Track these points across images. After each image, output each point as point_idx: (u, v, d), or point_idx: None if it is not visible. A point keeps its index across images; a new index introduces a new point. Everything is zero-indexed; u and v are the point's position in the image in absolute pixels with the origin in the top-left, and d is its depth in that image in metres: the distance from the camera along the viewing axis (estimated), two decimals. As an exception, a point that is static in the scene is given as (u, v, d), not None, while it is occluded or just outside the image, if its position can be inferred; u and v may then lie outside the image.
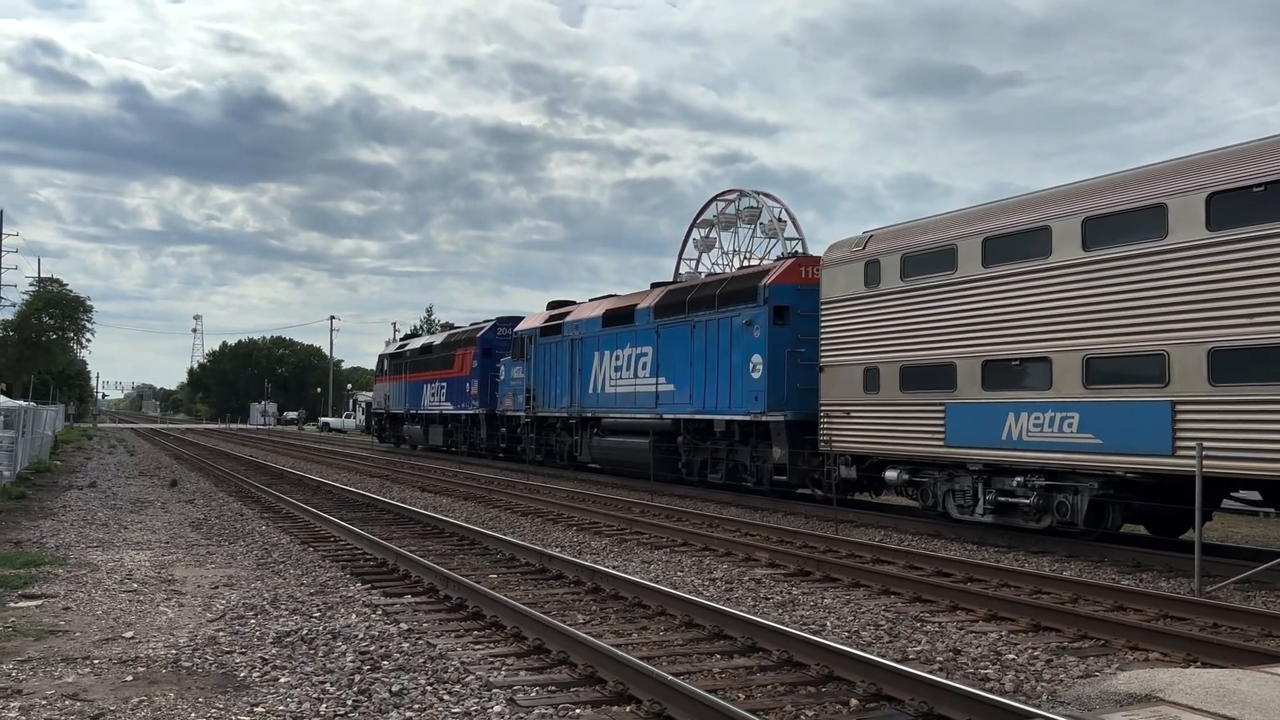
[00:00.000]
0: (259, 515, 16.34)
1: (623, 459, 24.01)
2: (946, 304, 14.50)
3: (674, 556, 12.38)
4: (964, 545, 13.81)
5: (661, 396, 22.30)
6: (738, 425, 19.72)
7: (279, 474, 26.25)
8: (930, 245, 14.93)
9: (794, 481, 18.47)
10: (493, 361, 33.18)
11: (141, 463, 30.97)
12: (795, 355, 18.23)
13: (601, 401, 25.05)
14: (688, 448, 21.53)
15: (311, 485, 22.58)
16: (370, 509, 17.47)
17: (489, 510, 17.85)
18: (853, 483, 16.80)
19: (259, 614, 8.51)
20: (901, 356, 15.25)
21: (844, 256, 16.63)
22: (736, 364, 19.52)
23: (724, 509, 18.50)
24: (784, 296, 18.66)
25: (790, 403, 18.15)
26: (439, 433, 38.08)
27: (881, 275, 15.75)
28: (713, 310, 20.49)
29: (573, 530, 14.98)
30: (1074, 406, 12.58)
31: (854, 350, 16.20)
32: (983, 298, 13.92)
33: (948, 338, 14.44)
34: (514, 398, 30.44)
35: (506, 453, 32.47)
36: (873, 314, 15.86)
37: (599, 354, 25.24)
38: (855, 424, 16.14)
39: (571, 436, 27.11)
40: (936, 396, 14.55)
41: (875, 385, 15.71)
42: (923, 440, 14.80)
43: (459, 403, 35.75)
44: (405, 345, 45.23)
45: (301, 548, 12.60)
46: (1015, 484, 13.48)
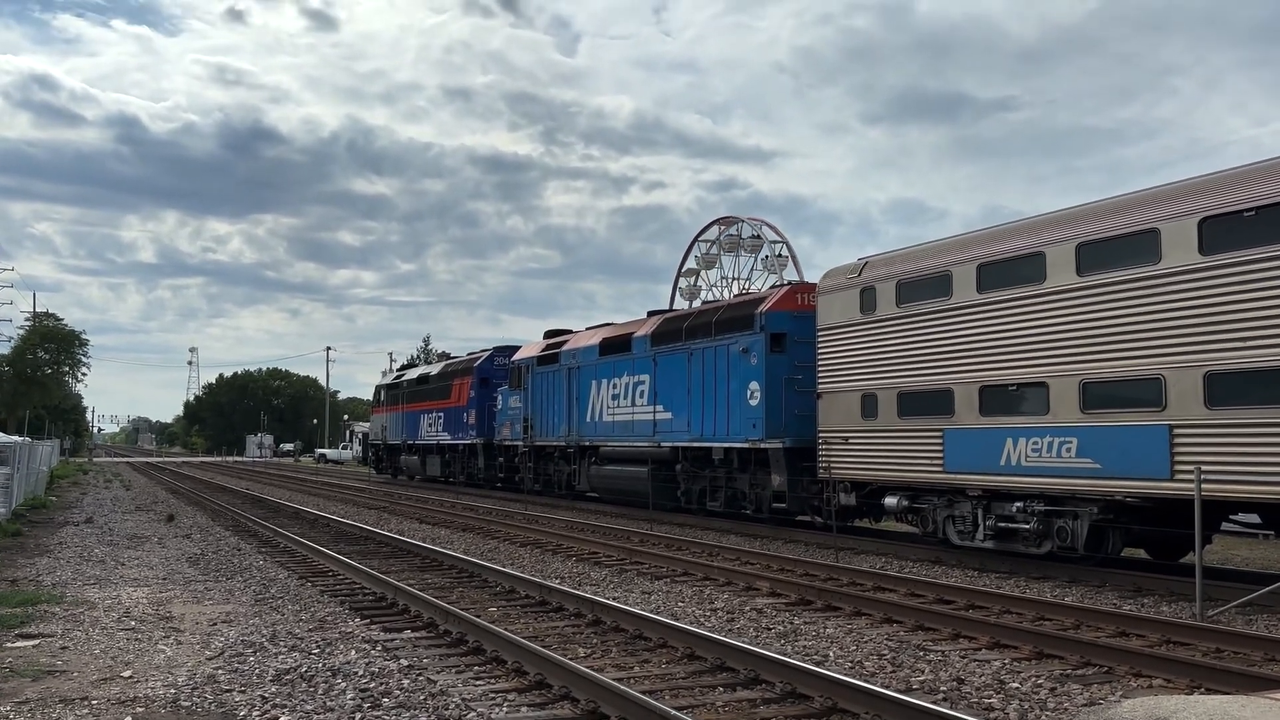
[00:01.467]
0: (256, 550, 16.25)
1: (621, 488, 23.95)
2: (943, 330, 14.54)
3: (674, 587, 12.33)
4: (965, 571, 13.77)
5: (659, 425, 22.28)
6: (736, 453, 19.70)
7: (276, 507, 26.14)
8: (925, 271, 14.98)
9: (793, 509, 18.43)
10: (490, 391, 33.17)
11: (138, 497, 30.83)
12: (793, 382, 18.24)
13: (599, 430, 25.02)
14: (686, 476, 21.48)
15: (309, 518, 22.47)
16: (368, 542, 17.39)
17: (488, 542, 17.78)
18: (852, 509, 16.75)
19: (258, 651, 8.46)
20: (899, 382, 15.27)
21: (840, 283, 16.69)
22: (734, 391, 19.52)
23: (724, 537, 18.43)
24: (780, 324, 18.70)
25: (788, 430, 18.14)
26: (436, 463, 37.98)
27: (877, 302, 15.79)
28: (709, 338, 20.53)
29: (572, 561, 14.92)
30: (1072, 431, 12.58)
31: (851, 377, 16.21)
32: (978, 323, 13.97)
33: (945, 363, 14.47)
34: (511, 427, 30.39)
35: (504, 483, 32.37)
36: (869, 340, 15.89)
37: (596, 383, 25.24)
38: (854, 450, 16.12)
39: (569, 466, 27.06)
40: (934, 422, 14.56)
41: (873, 411, 15.71)
42: (921, 466, 14.79)
43: (456, 433, 35.70)
44: (402, 375, 45.21)
45: (299, 583, 12.53)
46: (1015, 509, 13.45)
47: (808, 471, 17.56)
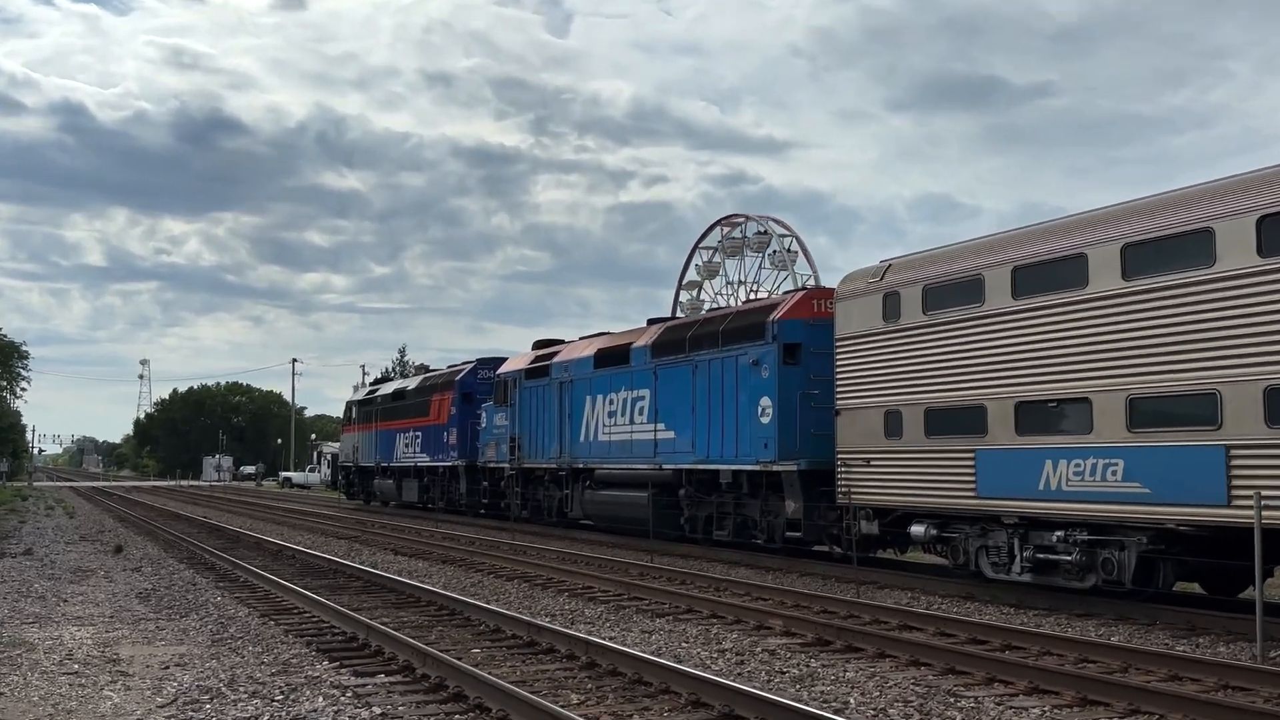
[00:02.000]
0: (214, 584, 16.24)
1: (618, 515, 23.93)
2: (974, 340, 14.56)
3: (677, 625, 12.33)
4: (1000, 608, 13.77)
5: (661, 445, 22.29)
6: (746, 476, 19.71)
7: (235, 537, 26.13)
8: (954, 275, 15.02)
9: (809, 538, 18.42)
10: (473, 408, 33.17)
11: (83, 526, 30.80)
12: (808, 398, 18.26)
13: (594, 451, 25.02)
14: (691, 501, 21.49)
15: (272, 549, 22.47)
16: (338, 575, 17.38)
17: (470, 575, 17.77)
18: (875, 539, 16.75)
19: (215, 698, 8.43)
20: (926, 398, 15.28)
21: (860, 288, 16.72)
22: (743, 408, 19.54)
23: (732, 570, 18.42)
24: (795, 333, 18.73)
25: (804, 450, 18.16)
26: (413, 487, 37.98)
27: (902, 308, 15.82)
28: (716, 349, 20.56)
29: (564, 597, 14.92)
30: (1117, 452, 12.58)
31: (873, 392, 16.23)
32: (1013, 333, 13.99)
33: (976, 377, 14.49)
34: (497, 447, 30.40)
35: (489, 509, 32.37)
36: (893, 351, 15.91)
37: (591, 398, 25.26)
38: (876, 473, 16.13)
39: (561, 490, 27.06)
40: (966, 442, 14.57)
41: (898, 430, 15.73)
42: (951, 491, 14.79)
43: (435, 454, 35.68)
44: (375, 390, 45.25)
45: (261, 621, 12.52)
46: (1055, 539, 13.44)
47: (825, 496, 17.56)
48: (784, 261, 44.87)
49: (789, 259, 44.81)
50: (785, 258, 44.82)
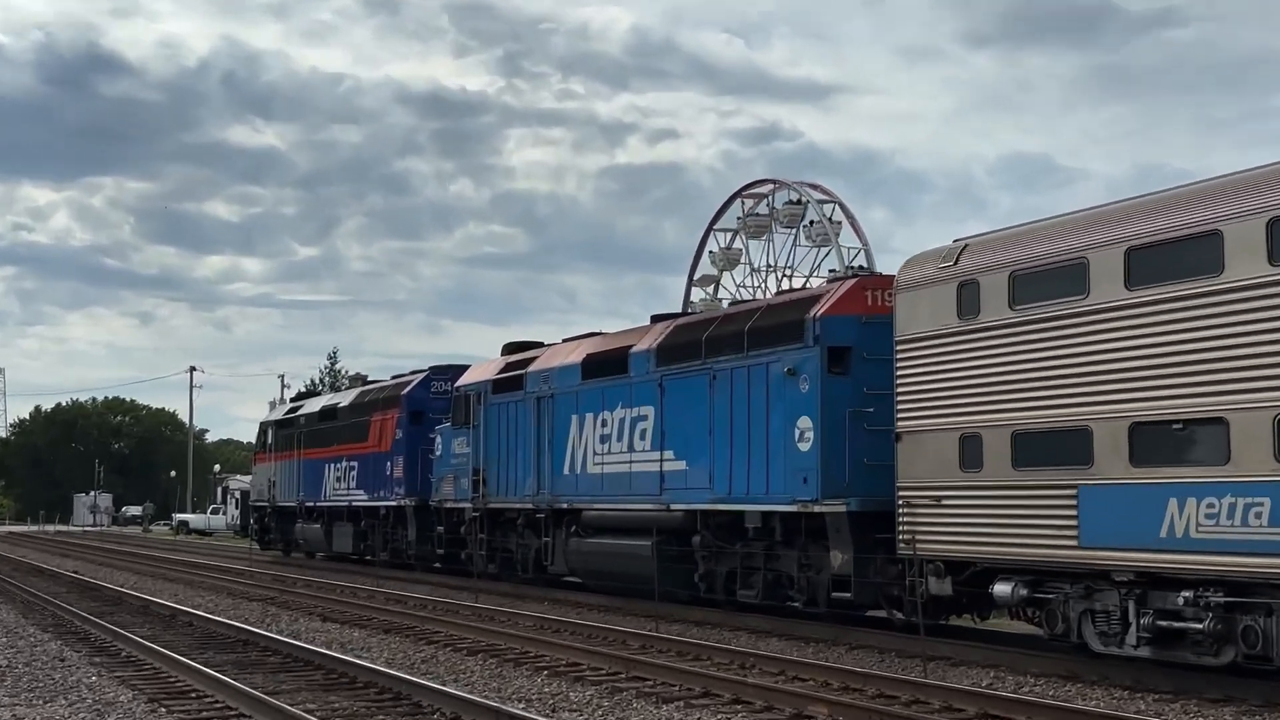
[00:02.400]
0: (87, 660, 16.17)
1: (613, 569, 23.90)
2: (1075, 342, 14.53)
3: (690, 713, 12.28)
4: (1111, 692, 13.71)
5: (668, 478, 22.26)
6: (779, 519, 19.67)
7: (116, 598, 26.07)
8: (1050, 259, 15.00)
9: (862, 600, 18.37)
10: (425, 430, 33.17)
11: (-83, 583, 30.70)
12: (861, 417, 18.22)
13: (582, 486, 24.96)
14: (708, 553, 21.45)
15: (163, 614, 22.43)
16: (248, 648, 17.33)
17: (421, 648, 17.73)
18: (948, 601, 16.70)
19: (88, 809, 8.39)
20: (1013, 419, 15.25)
21: (928, 276, 16.69)
22: (776, 431, 19.51)
23: (762, 641, 18.36)
24: (843, 333, 18.69)
25: (854, 485, 18.12)
26: (348, 534, 37.94)
27: (982, 302, 15.80)
28: (740, 354, 20.54)
29: (543, 676, 14.87)
30: (1263, 489, 12.53)
31: (945, 410, 16.19)
32: (1128, 333, 13.97)
33: (1079, 391, 14.45)
34: (455, 482, 30.36)
35: (445, 561, 32.33)
36: (971, 357, 15.88)
37: (578, 417, 25.22)
38: (949, 516, 16.08)
39: (539, 538, 27.03)
40: (1065, 475, 14.54)
41: (977, 460, 15.70)
42: (1047, 539, 14.75)
43: (376, 490, 35.65)
44: (298, 408, 45.26)
45: (148, 708, 12.45)
46: (1182, 601, 13.40)
47: (883, 546, 17.51)
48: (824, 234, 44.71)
49: (831, 230, 44.64)
50: (827, 228, 44.67)
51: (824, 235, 45.13)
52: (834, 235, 44.84)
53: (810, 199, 45.91)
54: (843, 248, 43.71)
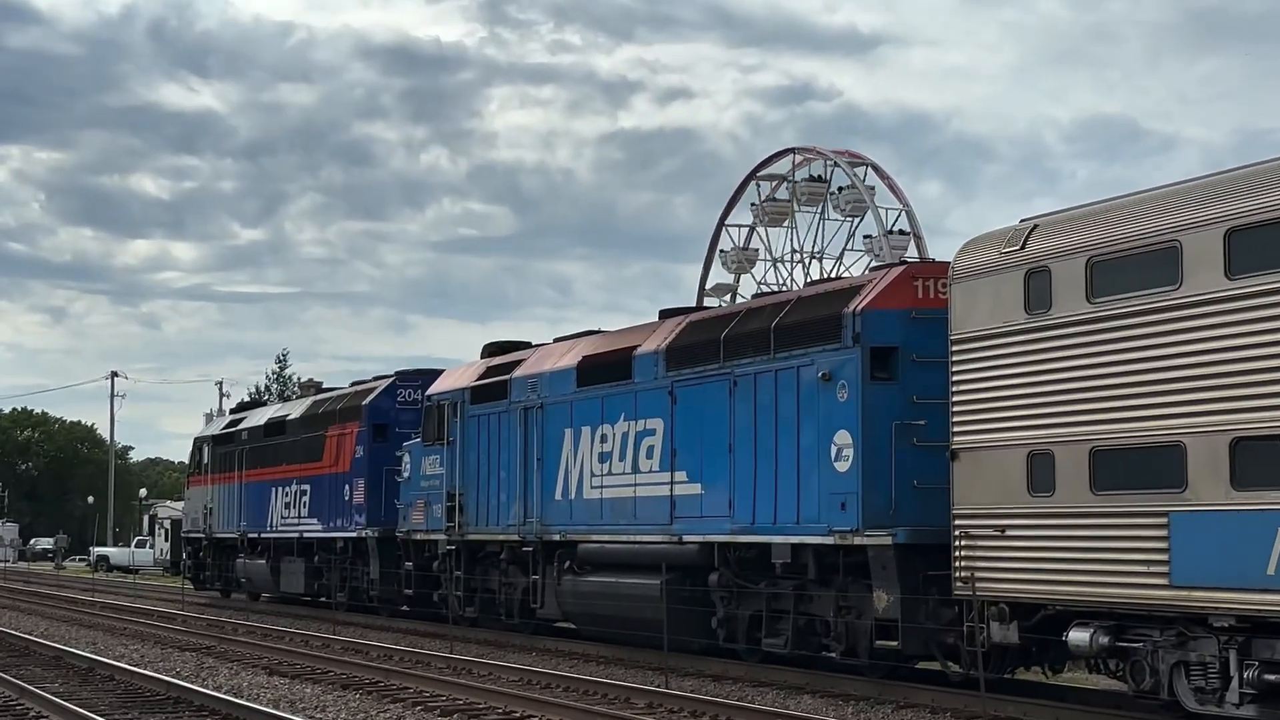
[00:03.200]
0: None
1: (615, 613, 23.88)
2: (1166, 342, 14.52)
3: (706, 785, 12.33)
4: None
5: (680, 504, 22.27)
6: (812, 553, 19.67)
7: (22, 648, 26.10)
8: (1134, 243, 14.98)
9: (911, 650, 18.35)
10: (390, 447, 33.22)
11: None
12: (909, 431, 18.24)
13: (577, 514, 24.98)
14: (727, 593, 21.48)
15: (80, 667, 22.46)
16: (180, 707, 17.35)
17: (385, 707, 17.74)
18: (1013, 651, 16.68)
19: None
20: (1091, 433, 15.23)
21: (990, 262, 16.70)
22: (809, 447, 19.52)
23: (792, 699, 18.37)
24: (887, 331, 18.72)
25: (902, 513, 18.13)
26: (298, 571, 38.00)
27: (1054, 293, 15.79)
28: (766, 355, 20.56)
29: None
30: (1390, 516, 12.53)
31: (1010, 422, 16.18)
32: (1228, 330, 13.93)
33: (1170, 400, 14.43)
34: (427, 509, 30.39)
35: (415, 603, 32.38)
36: (1040, 360, 15.87)
37: (572, 432, 25.25)
38: (1014, 549, 16.07)
39: (526, 575, 27.04)
40: (1154, 501, 14.51)
41: (1048, 483, 15.68)
42: (1132, 577, 14.70)
43: (333, 518, 35.70)
44: (240, 421, 45.26)
45: (62, 778, 12.52)
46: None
47: (936, 585, 17.50)
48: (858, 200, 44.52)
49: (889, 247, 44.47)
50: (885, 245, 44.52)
51: (857, 201, 45.04)
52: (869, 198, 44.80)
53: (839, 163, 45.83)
54: (880, 208, 43.61)
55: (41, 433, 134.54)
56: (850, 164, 45.87)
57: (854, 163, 46.06)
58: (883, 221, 45.23)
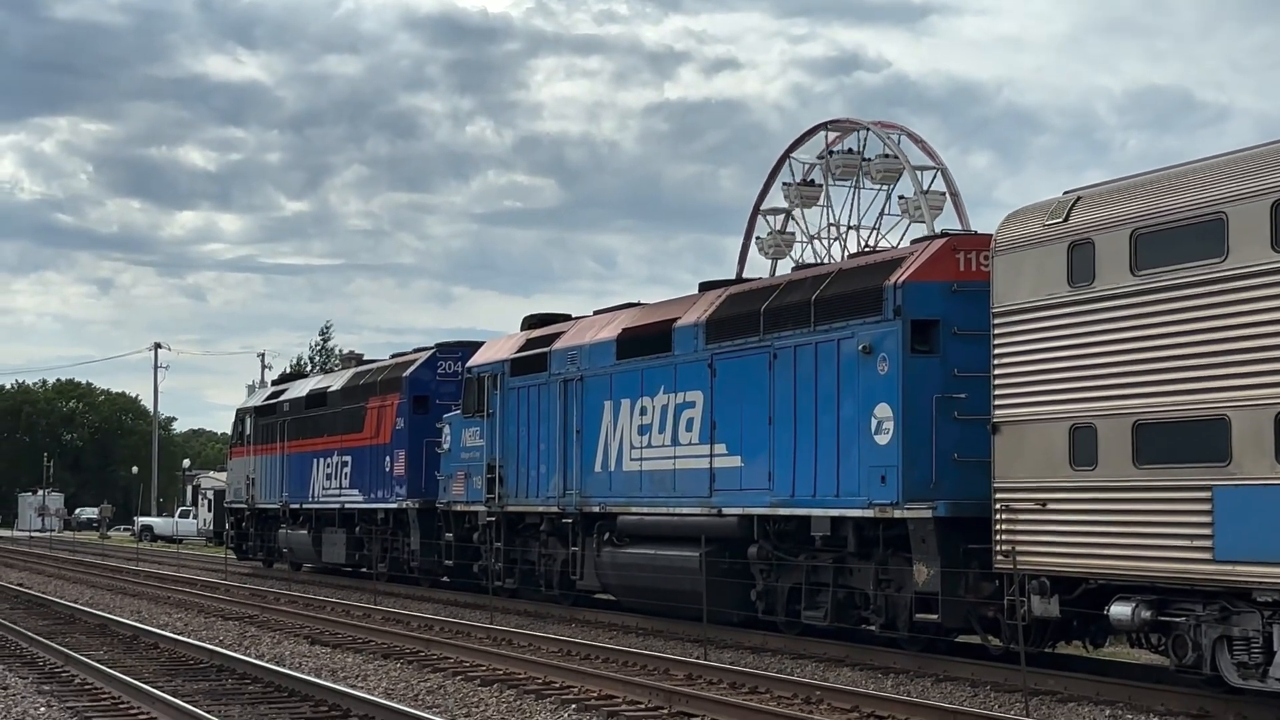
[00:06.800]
0: (34, 688, 16.36)
1: (654, 585, 23.97)
2: (1211, 315, 14.45)
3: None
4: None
5: (720, 477, 22.31)
6: (852, 526, 19.70)
7: (68, 616, 26.32)
8: (1180, 214, 14.91)
9: (951, 623, 18.40)
10: (430, 418, 33.29)
11: None
12: (950, 404, 18.24)
13: (617, 487, 25.06)
14: (766, 566, 21.51)
15: (124, 635, 22.66)
16: (224, 675, 17.47)
17: (426, 676, 17.85)
18: (1054, 624, 16.68)
19: None
20: (1135, 406, 15.19)
21: (1033, 234, 16.65)
22: (849, 420, 19.53)
23: (831, 671, 18.40)
24: (929, 303, 18.69)
25: (943, 486, 18.14)
26: (340, 542, 38.17)
27: (1098, 266, 15.73)
28: (806, 328, 20.56)
29: (570, 711, 14.98)
30: None
31: (1052, 396, 16.16)
32: (1274, 304, 13.86)
33: (1215, 374, 14.37)
34: (467, 480, 30.50)
35: (455, 574, 32.52)
36: (1083, 333, 15.83)
37: (612, 404, 25.31)
38: (1056, 523, 16.06)
39: (565, 547, 27.13)
40: (1197, 475, 14.47)
41: (1090, 456, 15.65)
42: (1175, 551, 14.67)
43: (373, 490, 35.85)
44: (282, 392, 45.47)
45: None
46: (1337, 626, 13.35)
47: (977, 558, 17.52)
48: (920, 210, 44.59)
49: (928, 207, 44.44)
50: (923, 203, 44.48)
51: (890, 168, 44.92)
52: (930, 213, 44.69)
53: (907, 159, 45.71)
54: (915, 168, 43.40)
55: (86, 404, 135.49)
56: (920, 168, 45.77)
57: (925, 167, 45.96)
58: (919, 181, 45.15)
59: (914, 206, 45.30)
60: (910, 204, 45.57)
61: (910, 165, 45.62)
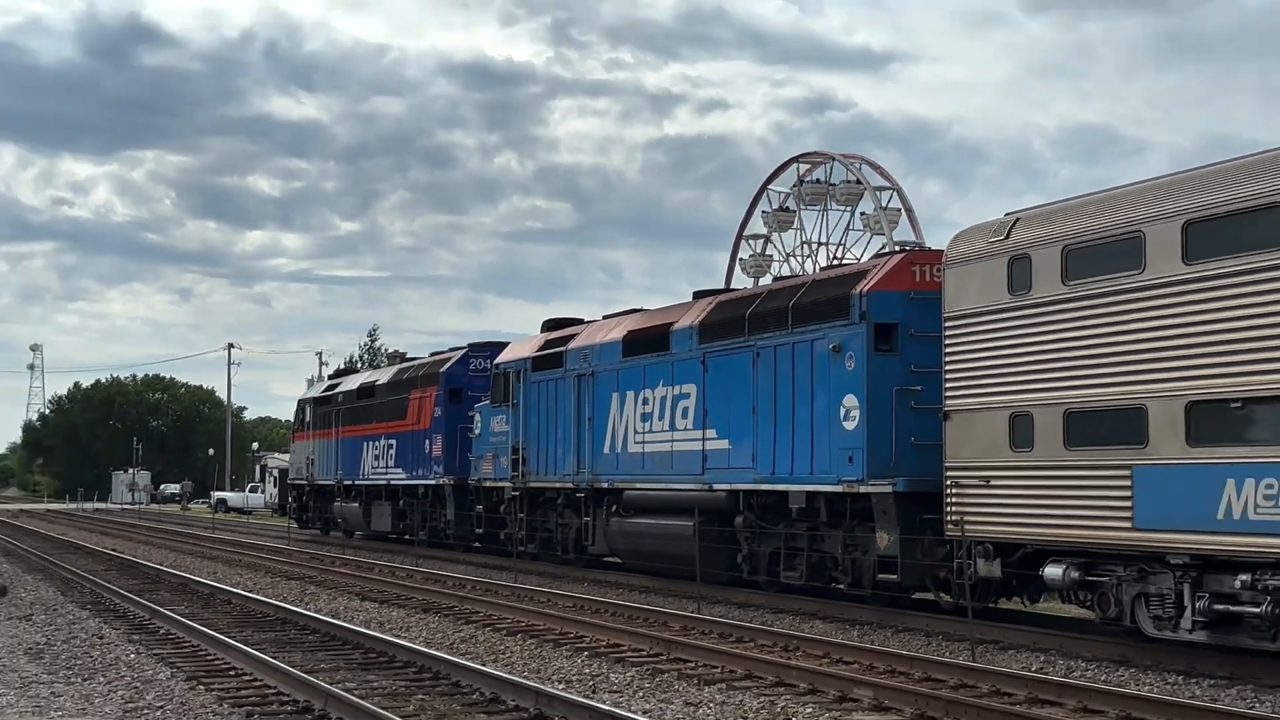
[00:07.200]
0: (125, 638, 16.32)
1: (654, 550, 23.99)
2: (1132, 319, 14.43)
3: (732, 695, 12.33)
4: (1164, 676, 13.62)
5: (711, 457, 22.26)
6: (824, 500, 19.66)
7: (154, 576, 26.30)
8: (1105, 233, 14.89)
9: (908, 582, 18.40)
10: (463, 408, 33.33)
11: (-43, 560, 31.09)
12: (908, 395, 18.19)
13: (623, 466, 25.03)
14: (750, 534, 21.50)
15: (202, 592, 22.65)
16: (286, 627, 17.51)
17: (460, 628, 17.85)
18: (997, 583, 16.69)
19: (125, 787, 8.37)
20: (1066, 397, 15.16)
21: (978, 250, 16.61)
22: (821, 409, 19.49)
23: (806, 623, 18.37)
24: (889, 309, 18.63)
25: (901, 466, 18.11)
26: (386, 513, 38.22)
27: (1034, 277, 15.70)
28: (784, 330, 20.50)
29: (582, 657, 14.95)
30: (1325, 469, 12.35)
31: (995, 388, 16.13)
32: (1185, 309, 13.84)
33: (1134, 369, 14.35)
34: (495, 460, 30.50)
35: (484, 541, 32.56)
36: (1022, 334, 15.80)
37: (618, 395, 25.29)
38: (998, 496, 16.02)
39: (579, 517, 27.12)
40: (1119, 455, 14.44)
41: (1027, 439, 15.63)
42: (1099, 521, 14.67)
43: (415, 469, 35.84)
44: (336, 385, 45.49)
45: (187, 685, 12.59)
46: (1239, 584, 13.28)
47: (930, 527, 17.48)
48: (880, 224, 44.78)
49: (886, 220, 44.65)
50: (882, 218, 44.68)
51: (879, 225, 45.25)
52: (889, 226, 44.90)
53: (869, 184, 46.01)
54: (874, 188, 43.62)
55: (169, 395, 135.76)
56: (879, 190, 46.01)
57: (884, 189, 46.17)
58: (878, 199, 45.37)
59: (874, 221, 45.48)
60: (871, 220, 45.78)
61: (870, 187, 45.85)
